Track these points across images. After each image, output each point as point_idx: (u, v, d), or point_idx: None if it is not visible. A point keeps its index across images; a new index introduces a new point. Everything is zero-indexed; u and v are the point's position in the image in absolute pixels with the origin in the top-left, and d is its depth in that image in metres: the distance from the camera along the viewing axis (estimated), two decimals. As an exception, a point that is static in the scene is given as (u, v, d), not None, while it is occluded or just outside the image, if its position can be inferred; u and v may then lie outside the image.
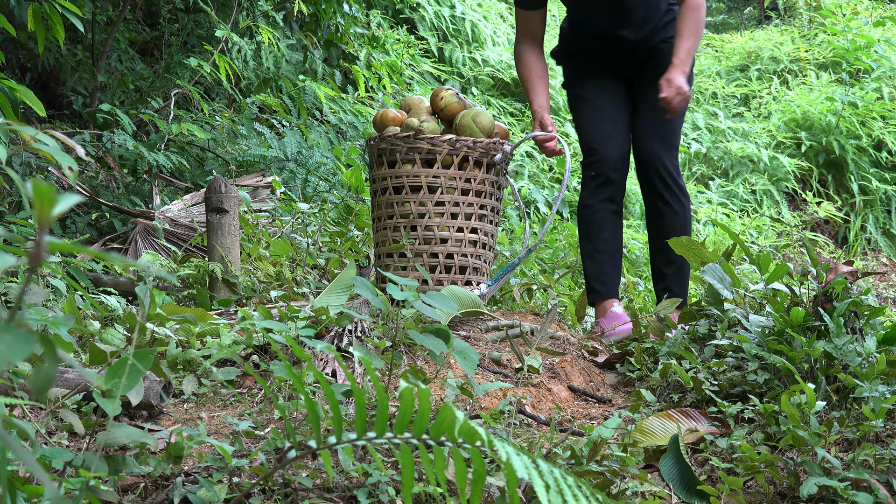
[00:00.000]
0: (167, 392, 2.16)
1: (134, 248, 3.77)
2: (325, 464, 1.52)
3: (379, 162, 3.12)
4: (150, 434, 1.69)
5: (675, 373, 2.36)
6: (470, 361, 1.99)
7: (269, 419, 2.12)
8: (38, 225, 0.88)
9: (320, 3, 5.11)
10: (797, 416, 1.86)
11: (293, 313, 2.52)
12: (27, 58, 5.09)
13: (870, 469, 1.84)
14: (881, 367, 2.07)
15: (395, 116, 3.19)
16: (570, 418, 2.33)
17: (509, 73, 7.11)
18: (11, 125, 1.43)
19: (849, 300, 2.28)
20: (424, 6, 7.06)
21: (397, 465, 1.85)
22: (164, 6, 5.77)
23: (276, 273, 3.34)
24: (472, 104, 3.20)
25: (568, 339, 2.80)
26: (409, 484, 1.38)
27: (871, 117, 7.05)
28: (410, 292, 1.92)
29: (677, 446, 1.99)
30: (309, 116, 5.71)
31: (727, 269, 2.56)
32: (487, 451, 1.33)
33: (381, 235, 3.12)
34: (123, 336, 2.37)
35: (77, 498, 1.42)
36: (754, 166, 6.81)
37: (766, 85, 7.87)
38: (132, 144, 4.34)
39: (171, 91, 5.03)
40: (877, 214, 6.88)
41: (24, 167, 4.07)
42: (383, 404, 1.38)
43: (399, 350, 2.46)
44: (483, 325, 2.84)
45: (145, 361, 1.59)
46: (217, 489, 1.69)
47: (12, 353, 0.87)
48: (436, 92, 3.20)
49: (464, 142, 3.04)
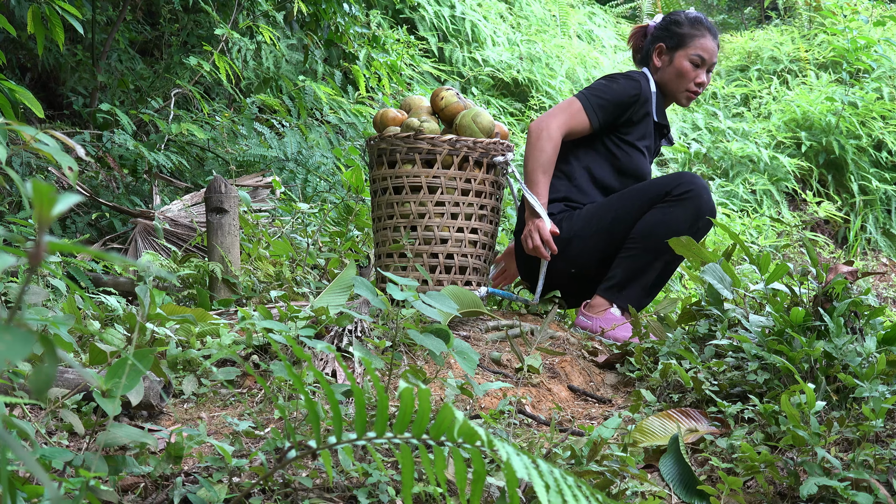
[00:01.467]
0: (167, 392, 2.16)
1: (134, 248, 3.77)
2: (325, 464, 1.52)
3: (379, 162, 3.12)
4: (150, 434, 1.69)
5: (675, 373, 2.36)
6: (470, 361, 1.99)
7: (269, 419, 2.12)
8: (38, 225, 0.88)
9: (320, 3, 5.11)
10: (797, 416, 1.86)
11: (293, 313, 2.52)
12: (27, 58, 5.08)
13: (870, 469, 1.84)
14: (881, 367, 2.07)
15: (395, 116, 3.19)
16: (570, 418, 2.33)
17: (509, 73, 7.11)
18: (11, 125, 1.43)
19: (849, 300, 2.28)
20: (424, 6, 7.06)
21: (397, 465, 1.85)
22: (164, 6, 5.77)
23: (276, 273, 3.34)
24: (472, 104, 3.20)
25: (568, 339, 2.80)
26: (409, 484, 1.38)
27: (871, 117, 7.05)
28: (410, 292, 1.92)
29: (677, 446, 1.99)
30: (309, 116, 5.71)
31: (727, 269, 2.56)
32: (487, 451, 1.33)
33: (382, 235, 3.12)
34: (123, 336, 2.37)
35: (77, 498, 1.42)
36: (754, 166, 6.81)
37: (766, 85, 7.87)
38: (132, 144, 4.34)
39: (171, 91, 5.03)
40: (877, 214, 6.88)
41: (24, 167, 4.07)
42: (383, 404, 1.38)
43: (399, 350, 2.46)
44: (483, 325, 2.84)
45: (145, 361, 1.59)
46: (217, 489, 1.69)
47: (12, 353, 0.87)
48: (436, 92, 3.20)
49: (464, 142, 3.04)
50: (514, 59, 7.27)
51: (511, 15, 8.13)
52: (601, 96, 3.03)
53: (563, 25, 8.55)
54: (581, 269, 3.03)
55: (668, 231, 2.88)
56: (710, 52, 3.11)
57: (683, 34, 3.11)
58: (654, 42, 3.17)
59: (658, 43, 3.15)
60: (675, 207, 2.90)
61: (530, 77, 7.19)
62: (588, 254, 3.00)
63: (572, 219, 3.03)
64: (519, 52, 7.36)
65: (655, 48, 3.15)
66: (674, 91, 3.15)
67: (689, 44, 3.10)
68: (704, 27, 3.12)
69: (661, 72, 3.14)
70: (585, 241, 2.98)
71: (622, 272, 2.96)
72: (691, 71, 3.10)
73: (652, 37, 3.20)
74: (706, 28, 3.12)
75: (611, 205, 2.99)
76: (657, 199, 2.93)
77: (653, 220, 2.92)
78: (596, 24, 9.06)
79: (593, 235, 2.98)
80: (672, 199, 2.91)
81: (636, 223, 2.94)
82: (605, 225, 2.97)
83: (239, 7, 5.30)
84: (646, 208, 2.94)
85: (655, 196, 2.94)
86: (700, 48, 3.10)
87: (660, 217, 2.91)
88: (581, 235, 2.99)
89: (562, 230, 3.01)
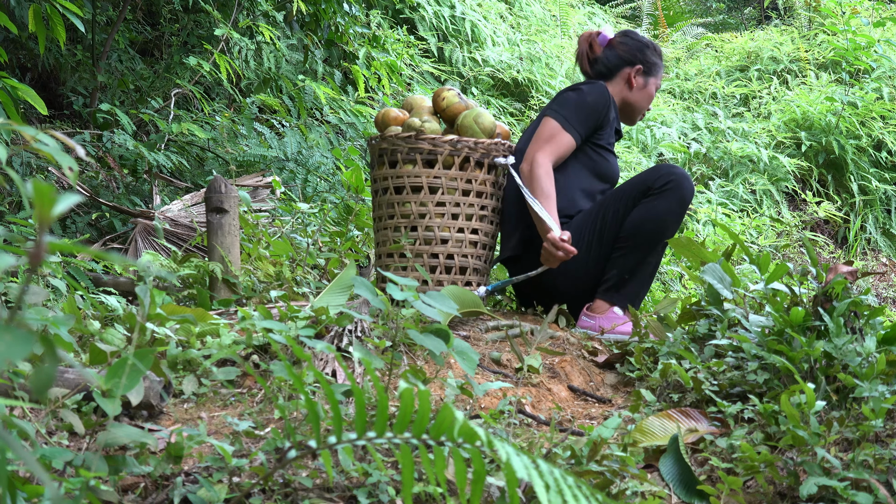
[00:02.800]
0: (167, 392, 2.16)
1: (134, 248, 3.77)
2: (325, 464, 1.52)
3: (380, 162, 3.12)
4: (150, 434, 1.69)
5: (674, 373, 2.36)
6: (470, 361, 1.99)
7: (269, 419, 2.12)
8: (38, 225, 0.88)
9: (320, 3, 5.11)
10: (797, 415, 1.86)
11: (293, 313, 2.52)
12: (27, 58, 5.08)
13: (870, 469, 1.84)
14: (881, 367, 2.07)
15: (396, 116, 3.19)
16: (570, 418, 2.33)
17: (509, 73, 7.11)
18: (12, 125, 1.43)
19: (849, 300, 2.28)
20: (424, 6, 7.06)
21: (397, 465, 1.85)
22: (164, 6, 5.77)
23: (276, 273, 3.34)
24: (473, 104, 3.20)
25: (568, 339, 2.81)
26: (409, 484, 1.38)
27: (870, 117, 7.05)
28: (410, 292, 1.92)
29: (677, 446, 1.99)
30: (309, 116, 5.71)
31: (727, 269, 2.56)
32: (487, 451, 1.33)
33: (382, 235, 3.12)
34: (123, 336, 2.37)
35: (77, 498, 1.42)
36: (754, 166, 6.81)
37: (765, 85, 7.87)
38: (132, 144, 4.34)
39: (171, 91, 5.03)
40: (876, 214, 6.88)
41: (24, 167, 4.07)
42: (383, 404, 1.38)
43: (399, 350, 2.46)
44: (483, 325, 2.85)
45: (145, 361, 1.59)
46: (217, 489, 1.69)
47: (12, 353, 0.87)
48: (437, 92, 3.20)
49: (465, 142, 3.04)
50: (514, 59, 7.27)
51: (511, 15, 8.13)
52: (578, 111, 3.09)
53: (563, 25, 8.55)
54: (581, 279, 3.05)
55: (656, 225, 2.94)
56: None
57: (658, 64, 3.27)
58: (627, 59, 3.23)
59: (637, 64, 3.23)
60: (658, 200, 2.95)
61: (530, 77, 7.19)
62: (585, 264, 3.03)
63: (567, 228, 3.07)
64: (519, 52, 7.36)
65: (635, 68, 3.22)
66: (636, 112, 3.28)
67: (658, 74, 3.28)
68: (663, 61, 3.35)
69: (634, 91, 3.24)
70: (580, 252, 3.01)
71: (618, 272, 2.99)
72: (654, 98, 3.31)
73: (624, 52, 3.25)
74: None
75: (597, 213, 3.04)
76: (640, 195, 2.98)
77: (639, 217, 2.96)
78: (596, 24, 9.06)
79: (586, 245, 3.02)
80: (655, 193, 2.95)
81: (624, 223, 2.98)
82: (595, 232, 3.02)
83: (239, 7, 5.30)
84: (630, 207, 2.98)
85: (637, 193, 2.99)
86: (660, 79, 3.32)
87: (645, 213, 2.95)
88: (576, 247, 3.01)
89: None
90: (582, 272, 3.05)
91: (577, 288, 3.08)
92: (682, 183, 2.94)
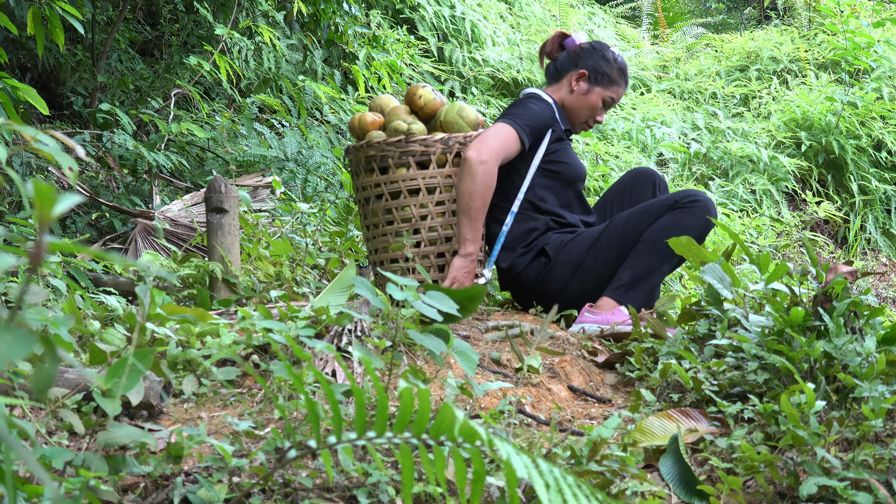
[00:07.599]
0: (167, 392, 2.16)
1: (134, 248, 3.77)
2: (325, 464, 1.52)
3: (368, 169, 3.08)
4: (150, 434, 1.69)
5: (674, 373, 2.36)
6: (470, 361, 1.99)
7: (269, 419, 2.12)
8: (38, 225, 0.88)
9: (320, 3, 5.11)
10: (797, 415, 1.86)
11: (293, 313, 2.52)
12: (27, 58, 5.09)
13: (869, 469, 1.84)
14: (881, 367, 2.07)
15: (373, 120, 3.15)
16: (569, 418, 2.33)
17: (509, 73, 7.11)
18: (12, 125, 1.43)
19: (849, 300, 2.28)
20: (424, 6, 7.06)
21: (397, 465, 1.85)
22: (164, 6, 5.77)
23: (276, 273, 3.34)
24: (445, 99, 3.20)
25: (568, 339, 2.81)
26: (409, 484, 1.38)
27: (870, 117, 7.05)
28: (410, 292, 1.92)
29: (677, 446, 1.99)
30: (309, 116, 5.71)
31: (727, 269, 2.56)
32: (487, 451, 1.33)
33: (381, 241, 3.09)
34: (123, 336, 2.37)
35: (77, 498, 1.42)
36: (754, 166, 6.81)
37: (765, 85, 7.87)
38: (132, 144, 4.34)
39: (171, 91, 5.03)
40: (876, 214, 6.88)
41: (24, 167, 4.08)
42: (383, 404, 1.38)
43: (399, 350, 2.46)
44: (483, 325, 2.85)
45: (145, 361, 1.59)
46: (217, 489, 1.69)
47: (12, 353, 0.87)
48: (412, 90, 3.16)
49: (455, 138, 3.04)
50: (514, 59, 7.27)
51: (511, 15, 8.13)
52: (527, 118, 3.09)
53: (563, 25, 8.54)
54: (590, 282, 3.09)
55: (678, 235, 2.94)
56: (619, 99, 3.27)
57: (611, 76, 3.21)
58: (576, 64, 3.22)
59: (581, 69, 3.21)
60: (685, 214, 2.99)
61: (530, 77, 7.19)
62: (599, 268, 3.07)
63: (579, 240, 3.11)
64: (519, 52, 7.36)
65: (577, 72, 3.20)
66: (574, 118, 3.25)
67: (609, 87, 3.22)
68: (626, 78, 3.26)
69: (573, 96, 3.22)
70: (596, 259, 3.05)
71: (630, 273, 3.01)
72: (599, 108, 3.24)
73: (574, 56, 3.24)
74: (626, 79, 3.26)
75: (618, 225, 3.07)
76: (665, 210, 3.02)
77: (664, 224, 2.99)
78: (596, 24, 9.05)
79: (602, 252, 3.06)
80: (682, 206, 3.00)
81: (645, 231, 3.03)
82: (615, 242, 3.06)
83: (239, 7, 5.30)
84: (655, 218, 3.03)
85: (664, 207, 3.03)
86: (615, 94, 3.24)
87: (671, 221, 2.99)
88: (592, 254, 3.06)
89: (571, 252, 3.09)
90: (595, 276, 3.07)
91: (584, 290, 3.10)
92: (709, 206, 3.01)
